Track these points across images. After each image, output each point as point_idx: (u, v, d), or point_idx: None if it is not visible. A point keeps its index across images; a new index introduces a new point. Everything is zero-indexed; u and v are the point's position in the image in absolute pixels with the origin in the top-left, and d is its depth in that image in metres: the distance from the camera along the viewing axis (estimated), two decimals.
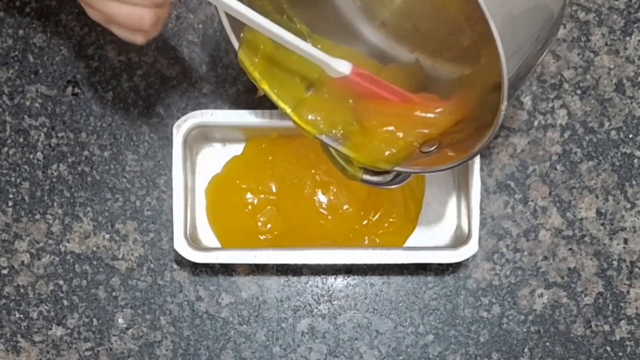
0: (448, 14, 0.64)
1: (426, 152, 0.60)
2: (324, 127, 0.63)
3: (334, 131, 0.63)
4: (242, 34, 0.61)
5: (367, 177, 0.64)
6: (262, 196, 0.72)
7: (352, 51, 0.65)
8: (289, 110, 0.63)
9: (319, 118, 0.63)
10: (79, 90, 0.73)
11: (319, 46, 0.63)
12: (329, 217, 0.72)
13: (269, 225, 0.72)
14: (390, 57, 0.67)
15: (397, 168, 0.61)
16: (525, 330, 0.73)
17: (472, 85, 0.61)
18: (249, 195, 0.72)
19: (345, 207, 0.71)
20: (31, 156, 0.73)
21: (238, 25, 0.61)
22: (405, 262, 0.69)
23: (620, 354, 0.73)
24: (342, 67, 0.60)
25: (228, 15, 0.60)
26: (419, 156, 0.60)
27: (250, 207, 0.72)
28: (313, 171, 0.72)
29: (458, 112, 0.60)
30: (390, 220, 0.72)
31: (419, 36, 0.66)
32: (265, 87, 0.62)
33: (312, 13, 0.65)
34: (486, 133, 0.52)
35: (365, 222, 0.72)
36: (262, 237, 0.72)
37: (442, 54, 0.65)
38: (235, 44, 0.62)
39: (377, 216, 0.72)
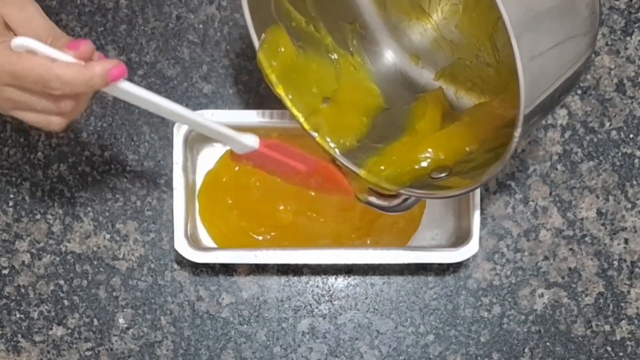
0: (476, 42, 0.63)
1: (435, 178, 0.60)
2: (334, 141, 0.62)
3: (343, 143, 0.62)
4: (263, 35, 0.60)
5: (372, 199, 0.63)
6: (255, 198, 0.72)
7: (365, 78, 0.64)
8: (301, 119, 0.62)
9: (329, 130, 0.62)
10: None
11: (340, 62, 0.63)
12: (331, 216, 0.72)
13: (262, 228, 0.72)
14: (413, 81, 0.67)
15: (403, 191, 0.60)
16: (525, 330, 0.73)
17: (483, 115, 0.61)
18: (239, 195, 0.72)
19: (348, 206, 0.71)
20: (32, 156, 0.73)
21: (261, 25, 0.60)
22: (406, 262, 0.69)
23: (621, 354, 0.73)
24: (251, 141, 0.59)
25: (252, 13, 0.59)
26: (427, 181, 0.60)
27: (241, 207, 0.72)
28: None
29: (463, 138, 0.59)
30: (394, 221, 0.72)
31: (446, 63, 0.66)
32: (280, 91, 0.61)
33: (340, 28, 0.65)
34: (496, 165, 0.52)
35: (369, 223, 0.72)
36: (260, 238, 0.72)
37: (466, 83, 0.65)
38: (256, 44, 0.61)
39: (380, 217, 0.72)
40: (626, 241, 0.73)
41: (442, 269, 0.73)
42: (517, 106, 0.48)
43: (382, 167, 0.61)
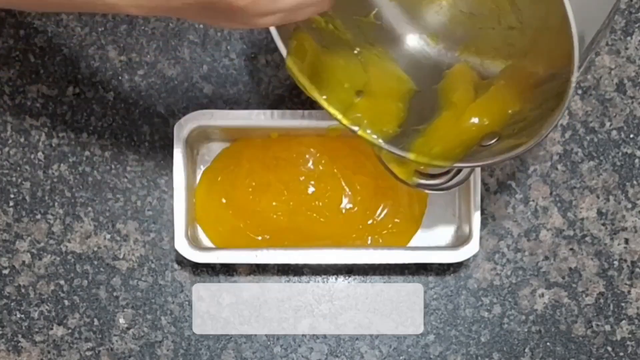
0: (497, 8, 0.62)
1: (486, 146, 0.59)
2: (377, 131, 0.61)
3: (385, 131, 0.62)
4: (289, 41, 0.61)
5: (422, 181, 0.62)
6: (251, 197, 0.72)
7: (391, 65, 0.64)
8: (340, 116, 0.61)
9: (369, 122, 0.61)
10: (80, 90, 0.73)
11: (363, 54, 0.63)
12: (331, 216, 0.72)
13: (259, 228, 0.72)
14: (436, 60, 0.66)
15: (457, 164, 0.59)
16: (526, 330, 0.73)
17: (516, 76, 0.60)
18: (233, 195, 0.72)
19: (349, 206, 0.71)
20: (32, 156, 0.73)
21: (284, 31, 0.60)
22: (406, 262, 0.69)
23: (622, 354, 0.73)
24: None
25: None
26: (478, 150, 0.59)
27: (236, 207, 0.72)
28: (313, 169, 0.72)
29: (503, 101, 0.59)
30: (396, 220, 0.72)
31: (467, 36, 0.65)
32: (314, 93, 0.61)
33: (356, 22, 0.65)
34: (554, 113, 0.51)
35: (370, 222, 0.72)
36: (259, 238, 0.72)
37: (490, 52, 0.64)
38: (284, 52, 0.61)
39: (382, 216, 0.72)
40: (626, 241, 0.73)
41: (442, 269, 0.73)
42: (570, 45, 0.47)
43: (431, 146, 0.60)
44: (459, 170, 0.62)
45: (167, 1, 0.49)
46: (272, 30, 0.60)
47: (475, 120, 0.59)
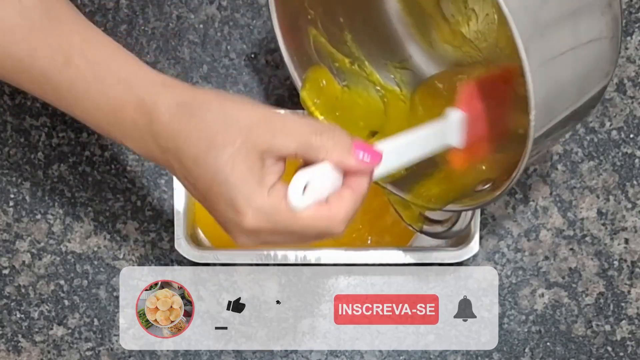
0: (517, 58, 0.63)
1: (479, 191, 0.60)
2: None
3: (393, 175, 0.62)
4: (305, 74, 0.61)
5: (426, 228, 0.64)
6: None
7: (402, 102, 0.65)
8: None
9: None
10: None
11: (387, 97, 0.64)
12: None
13: None
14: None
15: (446, 208, 0.60)
16: (526, 330, 0.73)
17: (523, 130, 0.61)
18: None
19: None
20: (32, 156, 0.73)
21: (302, 66, 0.61)
22: (407, 262, 0.69)
23: (622, 354, 0.73)
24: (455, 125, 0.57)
25: (291, 56, 0.60)
26: (471, 194, 0.60)
27: None
28: None
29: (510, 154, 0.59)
30: (395, 221, 0.72)
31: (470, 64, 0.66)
32: None
33: (386, 66, 0.66)
34: (524, 154, 0.52)
35: (369, 223, 0.72)
36: None
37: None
38: (299, 84, 0.61)
39: (382, 217, 0.72)
40: (626, 241, 0.73)
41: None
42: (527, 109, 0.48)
43: (429, 188, 0.61)
44: (458, 218, 0.64)
45: (170, 168, 0.49)
46: (287, 60, 0.61)
47: (478, 168, 0.60)
